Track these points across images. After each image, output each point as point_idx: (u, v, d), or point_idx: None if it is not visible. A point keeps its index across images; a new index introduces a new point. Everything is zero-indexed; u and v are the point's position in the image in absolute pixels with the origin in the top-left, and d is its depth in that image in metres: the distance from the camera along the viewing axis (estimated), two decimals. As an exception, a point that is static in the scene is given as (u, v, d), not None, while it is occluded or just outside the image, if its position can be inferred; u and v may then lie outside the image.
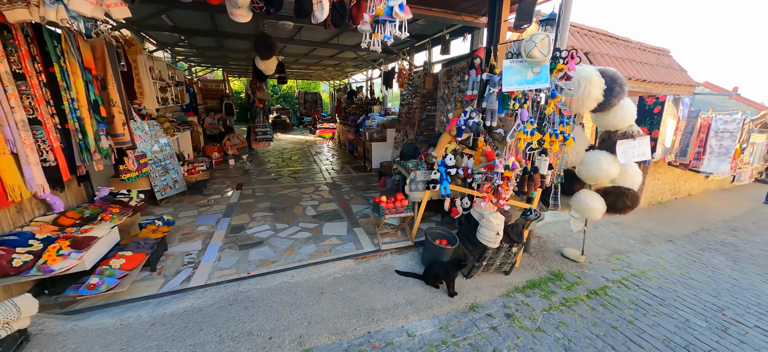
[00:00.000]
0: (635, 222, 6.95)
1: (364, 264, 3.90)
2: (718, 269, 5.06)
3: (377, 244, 4.18)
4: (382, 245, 4.18)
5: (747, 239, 6.62)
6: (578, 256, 4.75)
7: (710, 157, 7.00)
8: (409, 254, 4.18)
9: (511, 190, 3.51)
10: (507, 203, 3.74)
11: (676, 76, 6.51)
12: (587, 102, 3.54)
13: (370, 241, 4.37)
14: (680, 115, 6.83)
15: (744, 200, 10.31)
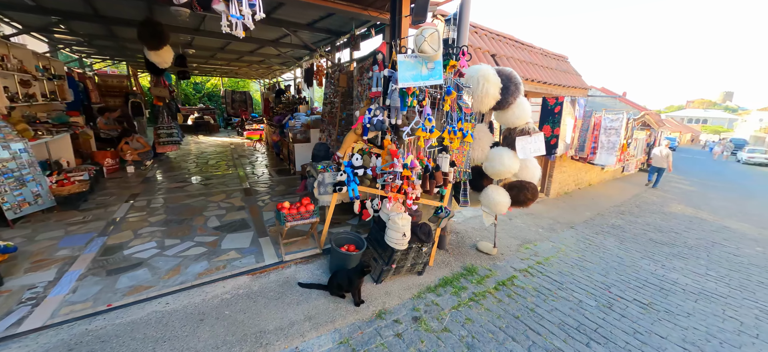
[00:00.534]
0: (545, 211, 7.55)
1: (262, 279, 3.46)
2: (608, 249, 5.65)
3: (281, 255, 3.76)
4: (286, 255, 3.77)
5: (631, 220, 7.61)
6: (491, 249, 4.89)
7: (601, 151, 7.91)
8: (317, 263, 3.84)
9: (418, 189, 3.39)
10: (415, 203, 3.62)
11: (572, 79, 7.25)
12: (486, 100, 3.58)
13: (275, 252, 3.94)
14: (577, 114, 7.60)
15: (631, 186, 12.03)
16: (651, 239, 6.40)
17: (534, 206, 8.00)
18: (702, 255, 5.81)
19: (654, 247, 5.99)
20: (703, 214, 8.78)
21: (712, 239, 6.78)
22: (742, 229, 7.67)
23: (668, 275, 4.88)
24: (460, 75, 3.19)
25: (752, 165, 22.65)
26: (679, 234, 6.86)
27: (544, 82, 6.33)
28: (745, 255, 6.02)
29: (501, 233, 5.88)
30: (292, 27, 6.66)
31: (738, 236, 7.08)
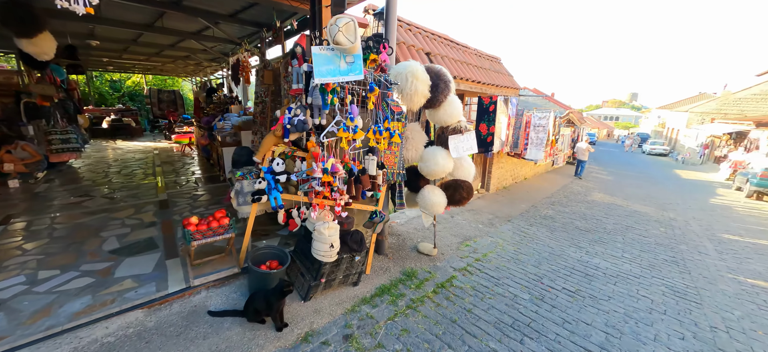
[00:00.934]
0: (486, 207, 7.77)
1: (161, 312, 2.88)
2: (540, 240, 5.90)
3: (189, 279, 3.20)
4: (195, 279, 3.21)
5: (560, 210, 8.17)
6: (431, 250, 4.78)
7: (531, 147, 8.37)
8: (235, 285, 3.35)
9: (345, 195, 3.09)
10: (345, 209, 3.31)
11: (505, 80, 7.57)
12: (416, 98, 3.40)
13: (184, 276, 3.35)
14: (510, 113, 7.93)
15: (561, 178, 13.08)
16: (577, 227, 6.88)
17: (475, 201, 8.21)
18: (618, 239, 6.36)
19: (579, 234, 6.42)
20: (618, 200, 9.79)
21: (626, 223, 7.52)
22: (648, 212, 8.66)
23: (591, 260, 5.21)
24: (383, 70, 2.96)
25: (653, 155, 26.31)
26: (600, 221, 7.49)
27: (479, 81, 6.46)
28: (652, 236, 6.74)
29: (443, 232, 5.85)
30: (212, 18, 5.95)
31: (645, 219, 7.96)
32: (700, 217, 8.62)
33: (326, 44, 2.69)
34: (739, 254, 6.12)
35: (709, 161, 20.52)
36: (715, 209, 9.75)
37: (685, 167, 19.78)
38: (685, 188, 13.11)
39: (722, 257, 5.90)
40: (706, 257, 5.79)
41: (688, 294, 4.39)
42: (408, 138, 3.85)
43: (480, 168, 8.85)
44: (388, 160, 3.64)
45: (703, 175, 16.81)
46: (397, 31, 5.29)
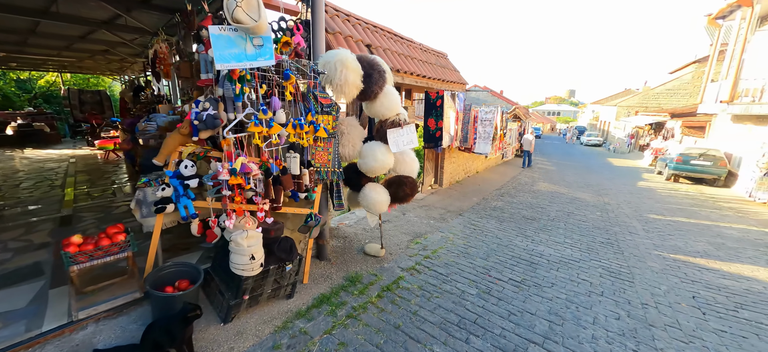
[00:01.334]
0: (438, 202, 7.71)
1: (26, 359, 2.28)
2: (489, 232, 5.92)
3: (73, 312, 2.58)
4: (81, 311, 2.59)
5: (509, 201, 8.39)
6: (378, 250, 4.51)
7: (479, 141, 8.49)
8: (136, 313, 2.80)
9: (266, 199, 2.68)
10: (271, 215, 2.90)
11: (452, 75, 7.57)
12: (347, 88, 3.09)
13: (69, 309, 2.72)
14: (458, 108, 7.96)
15: (510, 169, 13.62)
16: (524, 217, 7.05)
17: (428, 197, 8.13)
18: (561, 225, 6.60)
19: (526, 223, 6.56)
20: (561, 189, 10.34)
21: (568, 209, 7.89)
22: (586, 198, 9.22)
23: (536, 248, 5.29)
24: (298, 56, 2.62)
25: (590, 146, 28.71)
26: (544, 209, 7.77)
27: (425, 76, 6.34)
28: (590, 220, 7.12)
29: (393, 231, 5.62)
30: (122, 4, 5.14)
31: (584, 205, 8.43)
32: (630, 200, 9.35)
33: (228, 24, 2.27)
34: (662, 231, 6.64)
35: (635, 150, 22.80)
36: (641, 192, 10.67)
37: (616, 156, 21.76)
38: (617, 174, 14.30)
39: (649, 235, 6.36)
40: (635, 237, 6.18)
41: (622, 274, 4.58)
42: (343, 133, 3.54)
43: (432, 163, 8.81)
44: (321, 158, 3.29)
45: (630, 162, 18.58)
46: (333, 20, 4.95)
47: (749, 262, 5.28)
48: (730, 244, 6.05)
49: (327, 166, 3.35)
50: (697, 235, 6.49)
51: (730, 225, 7.31)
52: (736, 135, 12.37)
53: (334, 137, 3.35)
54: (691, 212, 8.26)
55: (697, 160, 11.94)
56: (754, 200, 9.65)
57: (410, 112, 6.85)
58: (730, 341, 3.27)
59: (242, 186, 2.42)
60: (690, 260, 5.19)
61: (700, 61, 22.88)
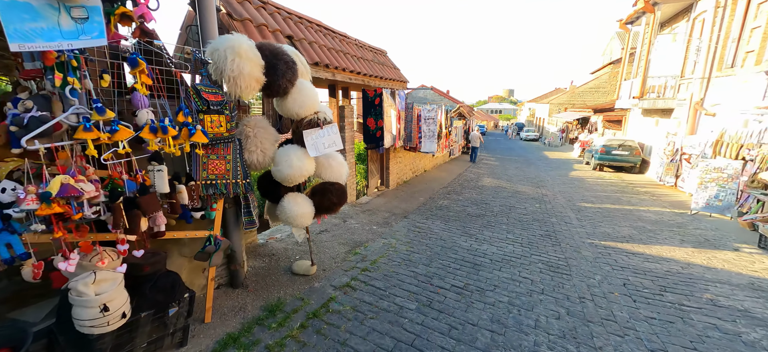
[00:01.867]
0: (383, 205, 7.31)
1: None
2: (434, 234, 5.63)
3: None
4: None
5: (455, 199, 8.29)
6: (308, 268, 3.93)
7: (424, 140, 8.28)
8: None
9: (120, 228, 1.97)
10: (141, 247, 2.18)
11: (391, 72, 7.24)
12: (242, 82, 2.49)
13: None
14: (399, 106, 7.64)
15: (457, 167, 13.79)
16: (469, 214, 6.93)
17: (374, 200, 7.69)
18: (503, 220, 6.58)
19: (471, 221, 6.42)
20: (504, 183, 10.61)
21: (510, 203, 7.99)
22: (527, 191, 9.51)
23: (480, 247, 5.10)
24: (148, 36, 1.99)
25: (528, 141, 30.76)
26: (488, 205, 7.77)
27: (361, 73, 5.90)
28: (530, 213, 7.23)
29: (330, 241, 5.06)
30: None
31: (525, 198, 8.64)
32: (564, 190, 9.83)
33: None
34: (593, 219, 6.93)
35: (567, 143, 24.80)
36: (573, 182, 11.36)
37: (550, 149, 23.46)
38: (552, 166, 15.24)
39: (582, 223, 6.57)
40: (570, 227, 6.34)
41: (560, 267, 4.53)
42: (249, 136, 2.92)
43: (377, 164, 8.40)
44: (216, 168, 2.64)
45: (563, 154, 20.09)
46: (242, 6, 4.26)
47: (666, 243, 5.62)
48: (649, 227, 6.46)
49: (226, 178, 2.70)
50: (622, 220, 6.87)
51: (648, 209, 7.92)
52: (646, 127, 13.82)
53: (234, 142, 2.72)
54: (615, 199, 8.86)
55: (617, 151, 13.09)
56: (663, 183, 10.73)
57: (347, 112, 6.35)
58: (659, 328, 3.26)
59: (67, 216, 1.69)
60: (618, 246, 5.37)
61: (615, 62, 25.64)
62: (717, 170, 7.37)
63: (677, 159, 10.21)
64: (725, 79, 9.05)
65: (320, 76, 4.90)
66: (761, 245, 5.51)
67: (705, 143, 9.19)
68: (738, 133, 8.13)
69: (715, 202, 7.30)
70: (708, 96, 9.74)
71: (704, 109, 9.70)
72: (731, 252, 5.27)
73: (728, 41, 9.22)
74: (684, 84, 11.11)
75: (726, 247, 5.51)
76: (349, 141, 6.62)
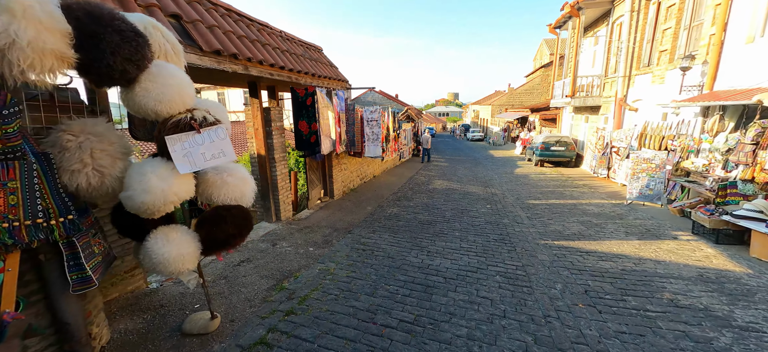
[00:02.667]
0: (326, 218, 6.35)
1: None
2: (381, 251, 4.82)
3: None
4: None
5: (406, 205, 7.64)
6: (207, 324, 2.86)
7: (368, 144, 7.51)
8: None
9: None
10: None
11: (327, 70, 6.37)
12: (22, 56, 1.43)
13: None
14: (338, 108, 6.77)
15: (408, 170, 13.26)
16: (420, 222, 6.28)
17: (316, 213, 6.70)
18: (456, 226, 6.03)
19: (422, 230, 5.76)
20: (454, 185, 10.27)
21: (461, 206, 7.55)
22: (477, 191, 9.22)
23: (432, 263, 4.42)
24: None
25: (474, 141, 31.87)
26: (440, 209, 7.22)
27: (286, 68, 4.92)
28: (482, 215, 6.82)
29: (248, 275, 4.00)
30: None
31: (476, 199, 8.29)
32: (512, 188, 9.75)
33: None
34: (542, 216, 6.72)
35: (509, 141, 26.00)
36: (519, 179, 11.46)
37: (495, 148, 24.36)
38: (498, 164, 15.51)
39: (533, 222, 6.29)
40: (522, 227, 6.00)
41: (519, 278, 4.01)
42: (69, 149, 1.83)
43: (318, 173, 7.42)
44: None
45: (506, 152, 20.85)
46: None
47: (613, 237, 5.48)
48: (595, 221, 6.39)
49: (13, 218, 1.59)
50: (568, 216, 6.75)
51: (589, 201, 8.02)
52: (577, 124, 14.69)
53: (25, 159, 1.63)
54: (559, 193, 8.93)
55: (555, 147, 13.64)
56: (597, 175, 11.26)
57: (275, 115, 5.31)
58: (632, 346, 2.81)
59: None
60: (571, 245, 5.08)
61: (545, 66, 27.61)
62: (646, 161, 7.68)
63: (608, 152, 10.76)
64: (644, 76, 9.70)
65: (225, 68, 3.83)
66: (695, 231, 5.63)
67: (631, 136, 9.76)
68: (659, 125, 8.68)
69: (646, 191, 7.59)
70: (630, 93, 10.41)
71: (627, 105, 10.34)
72: (672, 241, 5.27)
73: (644, 42, 9.93)
74: (608, 83, 11.87)
75: (666, 236, 5.53)
76: (279, 149, 5.58)
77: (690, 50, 7.97)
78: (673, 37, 8.47)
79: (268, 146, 5.40)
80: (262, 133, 5.28)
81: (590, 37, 13.68)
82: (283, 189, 5.74)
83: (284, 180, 5.74)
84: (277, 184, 5.52)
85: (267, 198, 5.56)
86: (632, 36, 10.21)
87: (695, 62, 7.39)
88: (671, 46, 8.51)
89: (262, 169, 5.44)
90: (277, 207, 5.68)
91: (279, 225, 5.65)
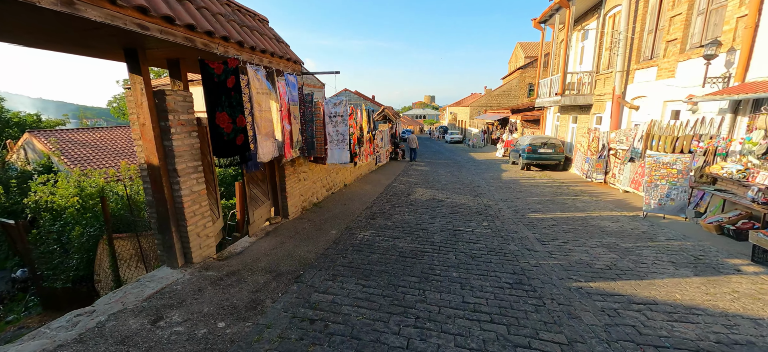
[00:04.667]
0: (270, 251, 4.37)
1: None
2: (340, 320, 2.92)
3: None
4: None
5: (382, 224, 5.79)
6: None
7: (331, 147, 5.62)
8: None
9: None
10: None
11: (267, 43, 4.42)
12: None
13: None
14: (288, 98, 4.82)
15: (385, 176, 11.35)
16: (401, 253, 4.48)
17: (257, 243, 4.72)
18: (451, 259, 4.28)
19: (404, 270, 3.95)
20: (439, 194, 8.57)
21: (452, 224, 5.82)
22: (467, 203, 7.56)
23: (426, 348, 2.61)
24: None
25: (453, 143, 30.65)
26: (426, 231, 5.45)
27: (189, 26, 2.95)
28: (480, 237, 5.13)
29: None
30: None
31: (468, 213, 6.62)
32: (505, 197, 8.21)
33: None
34: (554, 238, 5.16)
35: (489, 143, 24.91)
36: (509, 185, 9.97)
37: (475, 150, 23.13)
38: (482, 168, 14.07)
39: (547, 248, 4.70)
40: (538, 257, 4.37)
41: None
42: None
43: (265, 186, 5.40)
44: None
45: (488, 155, 19.60)
46: None
47: (662, 272, 3.95)
48: (622, 244, 4.91)
49: None
50: (586, 237, 5.23)
51: (599, 214, 6.60)
52: (564, 124, 13.55)
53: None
54: (560, 204, 7.47)
55: (543, 149, 12.37)
56: (591, 180, 9.99)
57: (178, 106, 3.31)
58: None
59: None
60: (614, 289, 3.50)
61: (522, 68, 26.87)
62: (665, 166, 6.33)
63: (605, 155, 9.51)
64: (646, 70, 8.48)
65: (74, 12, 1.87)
66: (756, 259, 4.22)
67: (633, 137, 8.52)
68: (671, 124, 7.45)
69: (667, 202, 6.23)
70: (629, 89, 9.20)
71: (626, 102, 9.12)
72: (738, 277, 3.82)
73: (644, 33, 8.74)
74: (600, 80, 10.70)
75: (726, 268, 4.08)
76: (186, 155, 3.56)
77: (708, 37, 6.74)
78: (683, 25, 7.25)
79: (166, 152, 3.37)
80: (154, 131, 3.25)
81: (577, 31, 12.55)
82: (196, 216, 3.72)
83: (197, 202, 3.72)
84: (182, 209, 3.50)
85: (167, 231, 3.52)
86: (631, 27, 9.00)
87: (721, 50, 6.12)
88: (682, 34, 7.28)
89: (157, 187, 3.40)
90: (185, 244, 3.65)
91: (187, 273, 3.61)
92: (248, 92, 3.74)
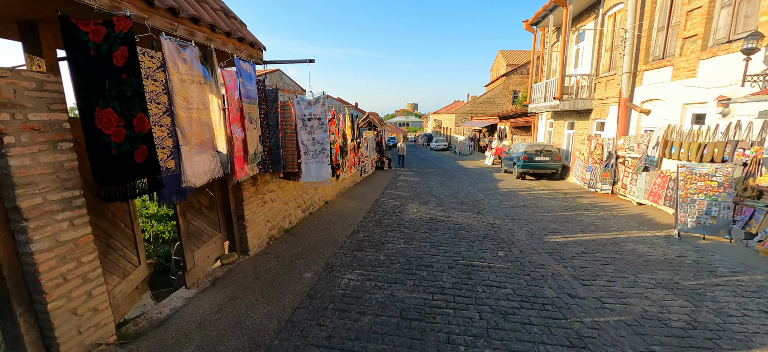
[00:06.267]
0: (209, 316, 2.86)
1: None
2: None
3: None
4: None
5: (372, 258, 4.38)
6: None
7: (306, 159, 4.20)
8: None
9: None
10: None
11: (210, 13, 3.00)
12: None
13: None
14: (244, 92, 3.38)
15: (371, 189, 9.89)
16: (403, 313, 3.12)
17: (200, 297, 3.21)
18: (473, 318, 2.95)
19: (411, 347, 2.58)
20: (435, 211, 7.28)
21: (461, 254, 4.53)
22: (470, 223, 6.31)
23: None
24: None
25: (439, 150, 29.72)
26: (430, 269, 4.12)
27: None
28: (502, 278, 3.85)
29: None
30: None
31: (474, 237, 5.36)
32: (511, 214, 7.05)
33: None
34: (596, 276, 4.01)
35: (476, 151, 24.09)
36: (508, 197, 8.87)
37: (462, 158, 22.20)
38: (474, 177, 12.99)
39: (596, 296, 3.48)
40: (587, 308, 3.15)
41: None
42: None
43: (214, 214, 3.90)
44: None
45: (476, 162, 18.66)
46: None
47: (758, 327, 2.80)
48: (678, 280, 3.79)
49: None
50: (631, 272, 4.10)
51: (628, 235, 5.53)
52: (558, 130, 12.72)
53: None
54: (576, 222, 6.37)
55: (539, 157, 11.44)
56: (596, 190, 9.06)
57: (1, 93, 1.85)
58: None
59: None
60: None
61: (504, 75, 26.41)
62: (703, 178, 5.34)
63: (613, 163, 8.59)
64: (657, 71, 7.63)
65: None
66: None
67: (646, 144, 7.62)
68: (694, 129, 6.56)
69: (707, 220, 5.23)
70: (636, 92, 8.35)
71: (634, 106, 8.25)
72: None
73: (653, 31, 7.93)
74: (601, 83, 9.87)
75: (843, 322, 2.97)
76: (50, 179, 2.06)
77: (737, 32, 5.88)
78: (705, 19, 6.40)
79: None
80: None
81: (573, 33, 11.79)
82: (69, 282, 2.21)
83: (70, 259, 2.21)
84: (36, 276, 1.99)
85: (8, 314, 1.99)
86: (637, 25, 8.17)
87: (764, 43, 5.23)
88: (703, 30, 6.43)
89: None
90: (47, 331, 2.12)
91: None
92: (164, 79, 2.30)
